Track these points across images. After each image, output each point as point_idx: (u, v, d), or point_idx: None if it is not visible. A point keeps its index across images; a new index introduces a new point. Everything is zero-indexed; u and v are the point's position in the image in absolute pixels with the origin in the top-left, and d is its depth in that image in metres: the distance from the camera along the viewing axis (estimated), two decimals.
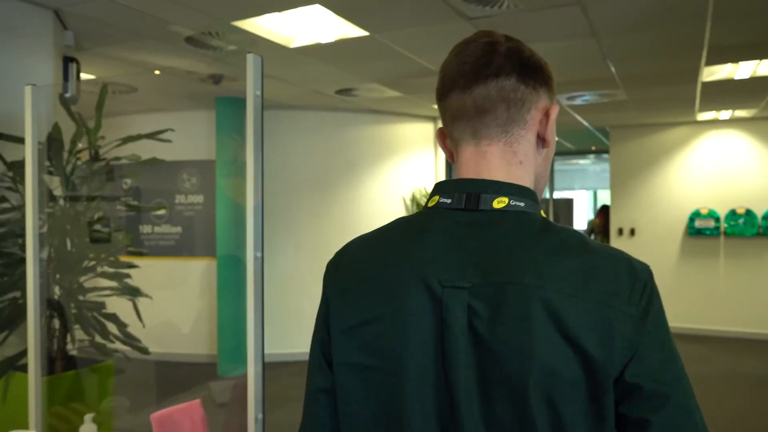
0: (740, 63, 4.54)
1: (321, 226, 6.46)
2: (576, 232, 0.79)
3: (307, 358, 0.95)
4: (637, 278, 0.74)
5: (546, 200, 12.08)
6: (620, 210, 8.12)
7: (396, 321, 0.78)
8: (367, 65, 4.60)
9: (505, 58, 0.83)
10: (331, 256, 0.95)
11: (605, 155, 11.61)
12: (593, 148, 10.91)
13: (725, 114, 7.08)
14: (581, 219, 11.67)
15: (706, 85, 5.29)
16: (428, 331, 0.76)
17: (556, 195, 11.96)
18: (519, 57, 0.83)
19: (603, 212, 9.91)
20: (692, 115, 7.08)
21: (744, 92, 5.67)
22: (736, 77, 5.00)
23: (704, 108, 6.59)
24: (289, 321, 6.38)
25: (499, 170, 0.83)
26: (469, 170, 0.84)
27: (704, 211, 7.52)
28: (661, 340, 0.73)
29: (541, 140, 0.86)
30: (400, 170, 6.92)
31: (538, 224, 0.79)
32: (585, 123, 7.69)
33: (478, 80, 0.82)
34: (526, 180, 0.84)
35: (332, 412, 0.85)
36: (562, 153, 11.51)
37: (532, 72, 0.84)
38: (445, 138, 0.91)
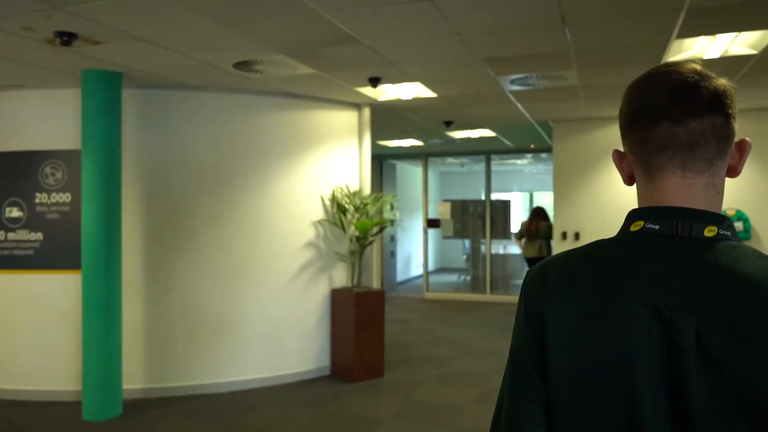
0: (717, 36, 3.81)
1: (222, 231, 5.36)
2: None
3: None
4: None
5: (482, 201, 11.43)
6: (564, 212, 7.41)
7: (622, 342, 0.81)
8: (264, 26, 3.57)
9: (716, 94, 0.86)
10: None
11: (543, 155, 11.03)
12: (532, 146, 10.26)
13: None
14: (518, 221, 11.04)
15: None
16: (657, 353, 0.79)
17: (493, 196, 11.29)
18: (726, 93, 0.87)
19: (535, 215, 9.23)
20: None
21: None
22: (706, 56, 4.29)
23: None
24: (184, 348, 5.23)
25: (703, 200, 0.88)
26: (674, 199, 0.88)
27: None
28: None
29: (732, 171, 0.91)
30: (319, 166, 5.90)
31: (750, 252, 0.83)
32: (527, 115, 6.93)
33: (693, 114, 0.85)
34: (720, 208, 0.90)
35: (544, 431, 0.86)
36: (500, 152, 10.84)
37: (734, 109, 0.88)
38: (623, 160, 0.96)
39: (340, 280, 6.00)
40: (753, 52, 4.18)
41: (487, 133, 8.40)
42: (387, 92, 5.61)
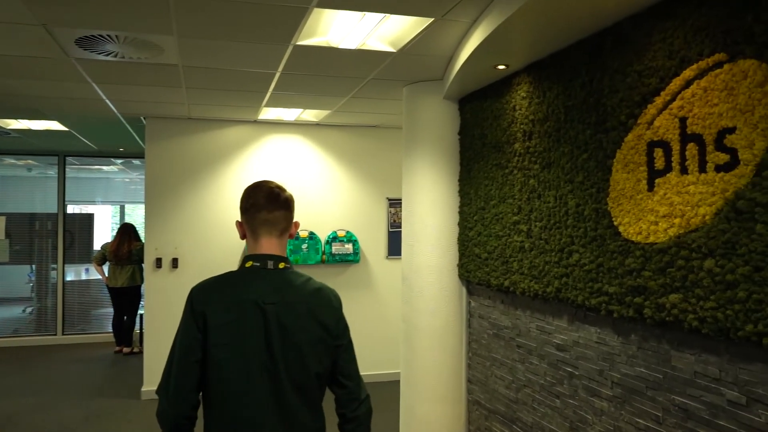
0: (366, 13, 2.92)
1: None
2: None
3: None
4: None
5: (54, 215, 8.88)
6: (158, 233, 5.87)
7: (245, 322, 1.70)
8: None
9: (287, 199, 1.82)
10: None
11: (137, 162, 9.22)
12: (121, 149, 8.38)
13: (292, 113, 5.68)
14: (105, 238, 8.97)
15: (298, 51, 3.57)
16: (260, 325, 1.70)
17: (73, 209, 8.93)
18: (291, 199, 1.85)
19: (124, 234, 7.48)
20: (256, 109, 5.42)
21: (337, 72, 4.20)
22: (341, 46, 3.42)
23: (275, 101, 4.98)
24: None
25: (279, 250, 1.81)
26: (267, 250, 1.79)
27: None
28: None
29: (290, 236, 1.87)
30: None
31: (299, 274, 1.82)
32: (110, 104, 5.17)
33: (276, 208, 1.79)
34: (285, 253, 1.85)
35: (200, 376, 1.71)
36: (79, 154, 8.59)
37: (293, 206, 1.86)
38: (241, 227, 1.84)
39: None
40: (391, 49, 3.49)
41: (56, 126, 6.25)
42: None
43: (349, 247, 6.29)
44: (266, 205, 1.77)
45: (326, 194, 6.31)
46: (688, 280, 2.25)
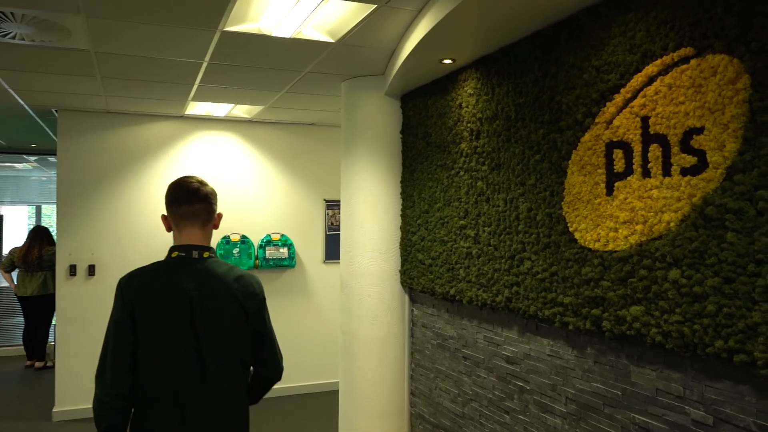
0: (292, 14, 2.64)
1: None
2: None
3: None
4: None
5: None
6: (71, 237, 5.36)
7: (173, 307, 1.84)
8: None
9: (206, 193, 1.94)
10: None
11: (53, 158, 8.51)
12: (33, 145, 7.70)
13: (222, 109, 5.30)
14: (16, 242, 8.23)
15: (226, 38, 3.24)
16: (186, 310, 1.83)
17: None
18: (212, 192, 1.97)
19: (36, 238, 6.87)
20: (183, 103, 5.02)
21: (271, 64, 3.89)
22: (275, 34, 3.12)
23: (203, 95, 4.60)
24: None
25: (203, 240, 1.95)
26: (190, 240, 1.92)
27: None
28: None
29: (214, 227, 2.01)
30: None
31: (222, 263, 1.96)
32: (14, 95, 4.65)
33: (197, 201, 1.92)
34: (210, 243, 1.98)
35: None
36: None
37: (215, 199, 1.98)
38: (166, 220, 1.96)
39: None
40: (330, 39, 3.22)
41: None
42: None
43: (284, 251, 5.95)
44: (187, 198, 1.89)
45: (260, 196, 5.95)
46: (651, 292, 2.10)
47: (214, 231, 2.02)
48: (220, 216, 1.99)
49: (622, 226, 2.22)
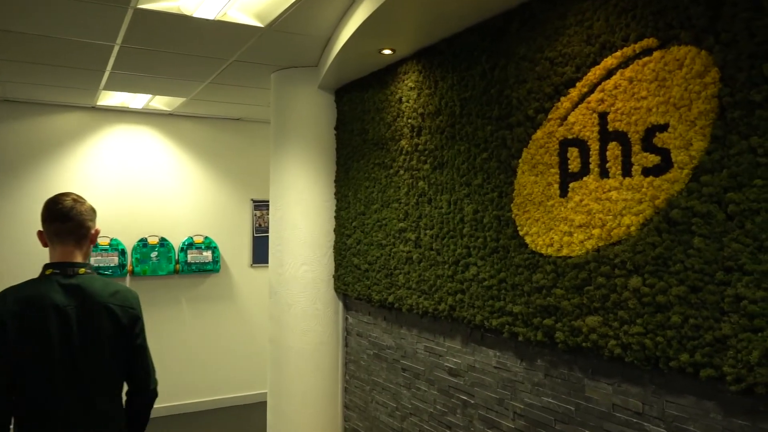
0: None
1: None
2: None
3: None
4: None
5: None
6: None
7: (48, 324, 1.81)
8: None
9: (81, 211, 1.93)
10: None
11: None
12: None
13: (139, 100, 4.87)
14: None
15: (140, 17, 2.89)
16: (62, 325, 1.82)
17: None
18: (88, 210, 1.96)
19: None
20: (93, 92, 4.56)
21: (192, 50, 3.55)
22: (196, 15, 2.80)
23: (116, 83, 4.18)
24: None
25: (79, 257, 1.93)
26: (65, 258, 1.90)
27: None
28: None
29: (92, 243, 2.00)
30: None
31: (98, 277, 1.95)
32: None
33: (70, 220, 1.90)
34: (88, 260, 2.00)
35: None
36: None
37: (93, 217, 1.98)
38: (42, 236, 1.93)
39: None
40: (258, 24, 2.93)
41: None
42: None
43: (207, 254, 5.56)
44: (61, 216, 1.90)
45: (181, 195, 5.53)
46: (609, 301, 1.95)
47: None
48: (97, 232, 2.01)
49: (577, 230, 2.06)
